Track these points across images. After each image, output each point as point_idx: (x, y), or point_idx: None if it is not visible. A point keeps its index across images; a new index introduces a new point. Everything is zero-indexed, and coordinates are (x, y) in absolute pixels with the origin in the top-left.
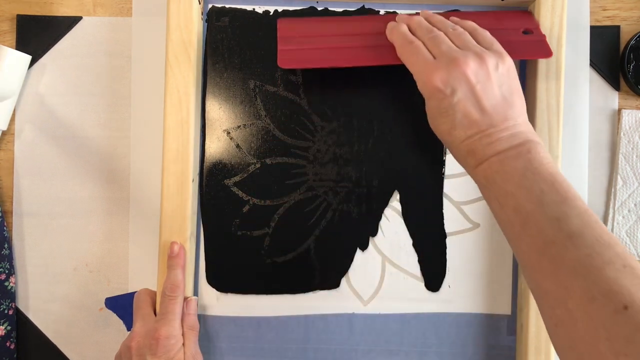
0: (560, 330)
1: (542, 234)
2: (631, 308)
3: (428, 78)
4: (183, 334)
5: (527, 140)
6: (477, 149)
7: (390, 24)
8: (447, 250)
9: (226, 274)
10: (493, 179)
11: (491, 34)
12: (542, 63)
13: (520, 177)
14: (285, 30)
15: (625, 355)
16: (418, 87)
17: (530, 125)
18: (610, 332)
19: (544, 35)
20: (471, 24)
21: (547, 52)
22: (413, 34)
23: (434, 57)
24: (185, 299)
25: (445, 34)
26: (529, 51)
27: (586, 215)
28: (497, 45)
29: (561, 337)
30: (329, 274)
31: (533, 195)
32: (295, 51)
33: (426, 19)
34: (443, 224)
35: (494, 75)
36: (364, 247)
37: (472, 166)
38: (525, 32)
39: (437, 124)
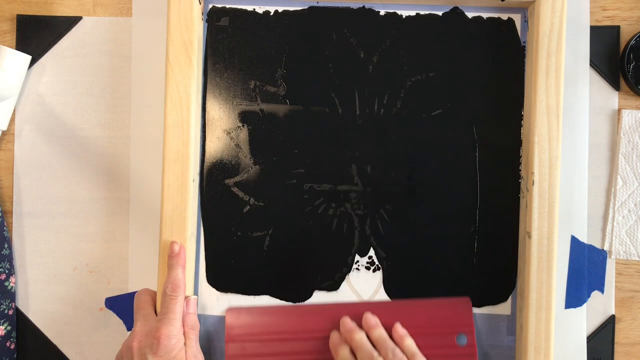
0: None
1: None
2: None
3: None
4: (184, 334)
5: None
6: None
7: (334, 341)
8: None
9: (226, 274)
10: None
11: (425, 337)
12: (542, 63)
13: None
14: (233, 327)
15: None
16: None
17: None
18: None
19: (474, 347)
20: (411, 347)
21: None
22: (355, 353)
23: None
24: (185, 298)
25: (385, 357)
26: None
27: None
28: None
29: None
30: (329, 275)
31: None
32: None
33: (367, 332)
34: None
35: None
36: (363, 250)
37: None
38: (460, 335)
39: None
